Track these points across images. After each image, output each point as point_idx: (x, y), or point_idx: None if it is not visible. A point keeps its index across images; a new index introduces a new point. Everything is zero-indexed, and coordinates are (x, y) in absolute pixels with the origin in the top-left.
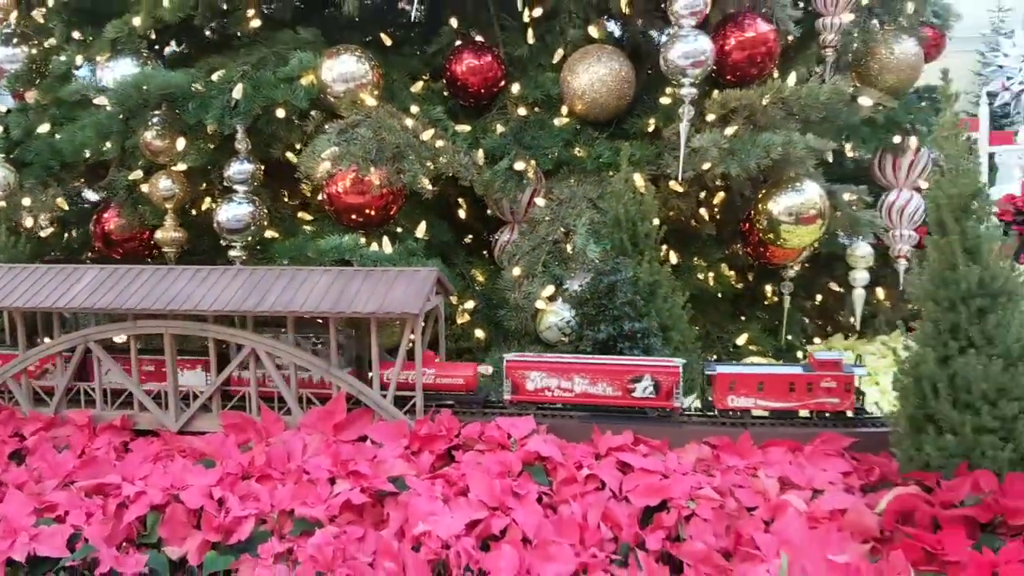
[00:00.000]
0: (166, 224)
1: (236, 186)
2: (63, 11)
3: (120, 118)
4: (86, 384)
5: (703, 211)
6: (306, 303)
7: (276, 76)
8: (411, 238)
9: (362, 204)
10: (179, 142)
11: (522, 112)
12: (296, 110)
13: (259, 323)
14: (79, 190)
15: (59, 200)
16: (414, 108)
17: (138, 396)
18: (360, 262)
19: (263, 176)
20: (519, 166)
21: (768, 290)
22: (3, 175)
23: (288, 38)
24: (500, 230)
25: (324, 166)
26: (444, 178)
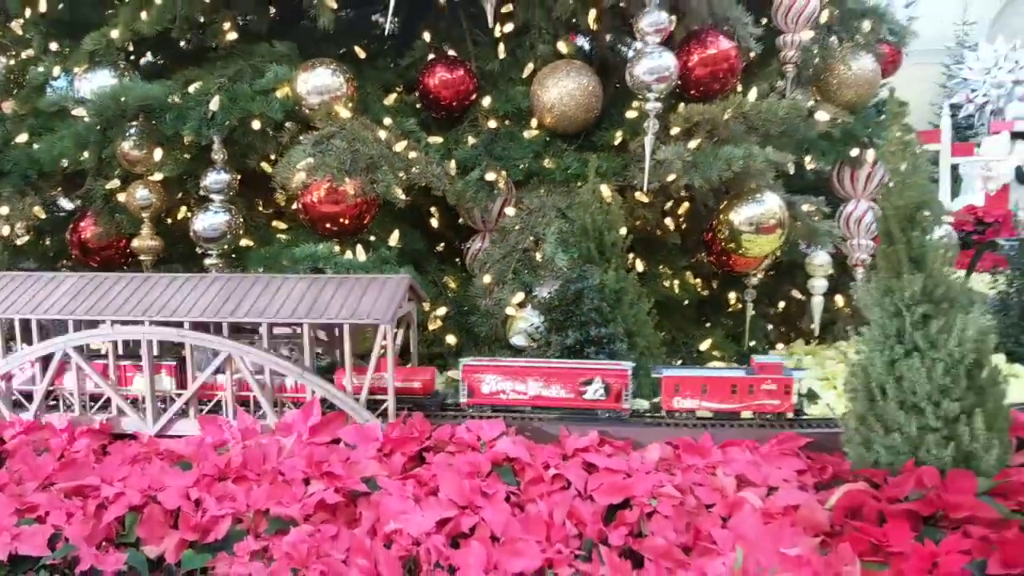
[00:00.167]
0: (143, 232)
1: (212, 195)
2: (41, 23)
3: (98, 129)
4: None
5: (668, 221)
6: (281, 310)
7: (252, 88)
8: (384, 246)
9: (336, 213)
10: (156, 152)
11: (493, 124)
12: (272, 122)
13: (235, 329)
14: (55, 199)
15: (36, 209)
16: (388, 120)
17: (116, 401)
18: (334, 270)
19: (239, 186)
20: (490, 177)
21: (731, 297)
22: None
23: (264, 51)
24: (472, 238)
25: (299, 176)
26: (417, 188)
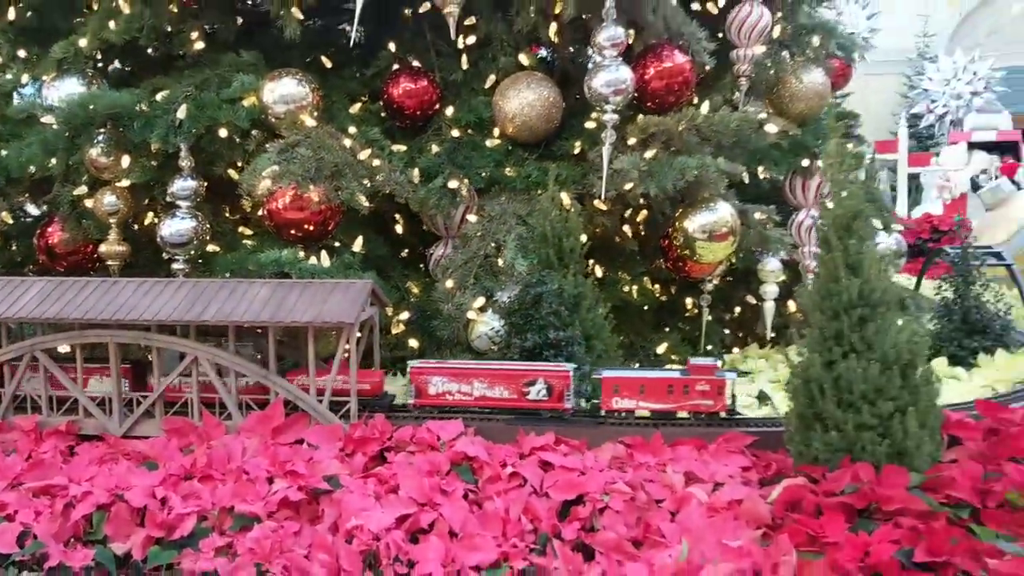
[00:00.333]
0: (110, 238)
1: (179, 202)
2: (9, 30)
3: (66, 136)
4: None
5: (627, 228)
6: (247, 313)
7: (219, 97)
8: (348, 252)
9: (301, 220)
10: (124, 159)
11: (456, 134)
12: (238, 130)
13: (201, 332)
14: (22, 204)
15: (3, 214)
16: (352, 129)
17: (83, 402)
18: (298, 275)
19: (206, 192)
20: (453, 184)
21: (688, 302)
22: None
23: (231, 60)
24: (435, 245)
25: (265, 183)
26: (381, 195)
